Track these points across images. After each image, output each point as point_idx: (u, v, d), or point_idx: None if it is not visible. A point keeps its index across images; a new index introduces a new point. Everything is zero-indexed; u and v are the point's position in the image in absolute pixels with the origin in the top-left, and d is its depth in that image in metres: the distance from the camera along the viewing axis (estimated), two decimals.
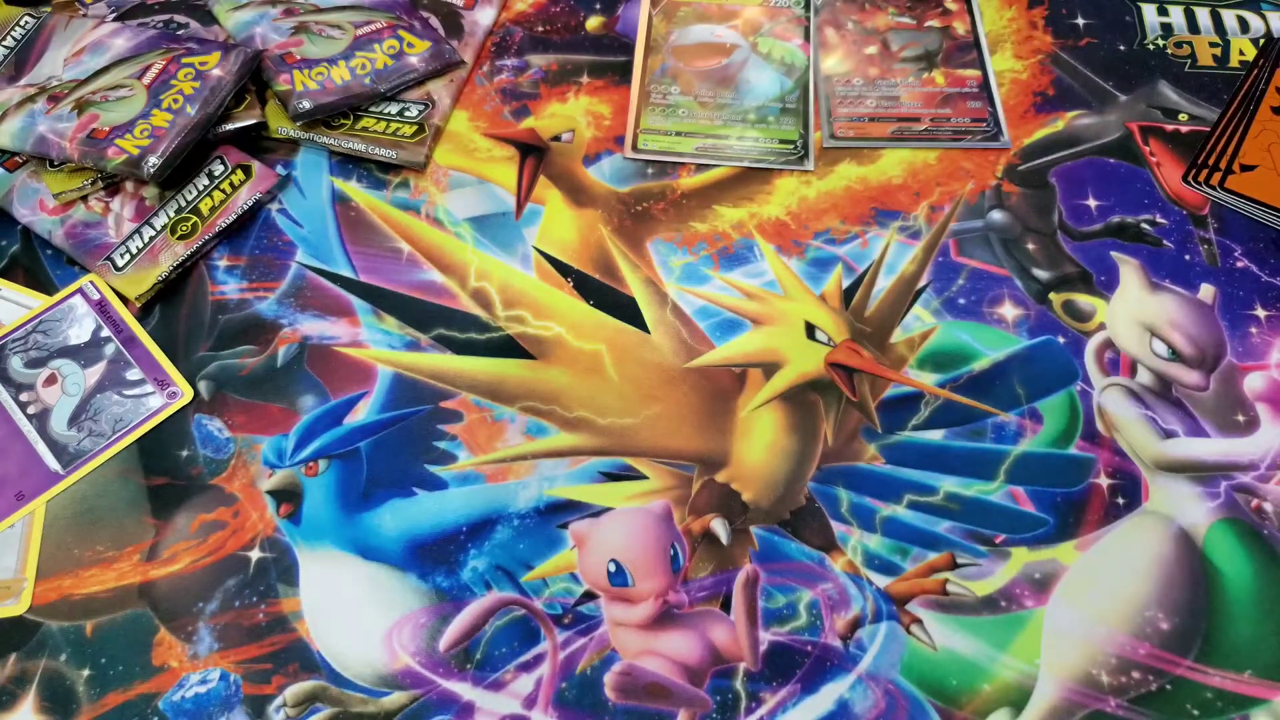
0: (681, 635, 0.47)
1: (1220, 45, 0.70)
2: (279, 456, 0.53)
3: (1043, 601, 0.48)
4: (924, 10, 0.72)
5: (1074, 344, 0.56)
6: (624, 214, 0.62)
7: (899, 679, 0.46)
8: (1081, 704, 0.45)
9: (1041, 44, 0.70)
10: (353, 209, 0.62)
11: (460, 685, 0.46)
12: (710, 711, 0.46)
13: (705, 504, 0.51)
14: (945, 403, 0.54)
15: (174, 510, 0.51)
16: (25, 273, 0.59)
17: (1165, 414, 0.53)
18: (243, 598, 0.48)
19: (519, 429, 0.53)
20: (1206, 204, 0.62)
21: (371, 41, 0.65)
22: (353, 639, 0.47)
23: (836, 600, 0.48)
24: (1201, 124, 0.65)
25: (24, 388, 0.54)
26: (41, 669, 0.47)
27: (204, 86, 0.60)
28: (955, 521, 0.50)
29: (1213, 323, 0.57)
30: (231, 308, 0.58)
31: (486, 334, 0.57)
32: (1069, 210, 0.61)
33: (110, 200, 0.60)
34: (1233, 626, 0.47)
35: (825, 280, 0.59)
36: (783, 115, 0.66)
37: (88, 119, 0.59)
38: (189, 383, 0.55)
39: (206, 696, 0.46)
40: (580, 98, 0.67)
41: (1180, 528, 0.50)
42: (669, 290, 0.58)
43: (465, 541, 0.50)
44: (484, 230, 0.61)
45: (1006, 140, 0.65)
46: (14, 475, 0.52)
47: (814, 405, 0.54)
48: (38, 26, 0.66)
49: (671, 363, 0.56)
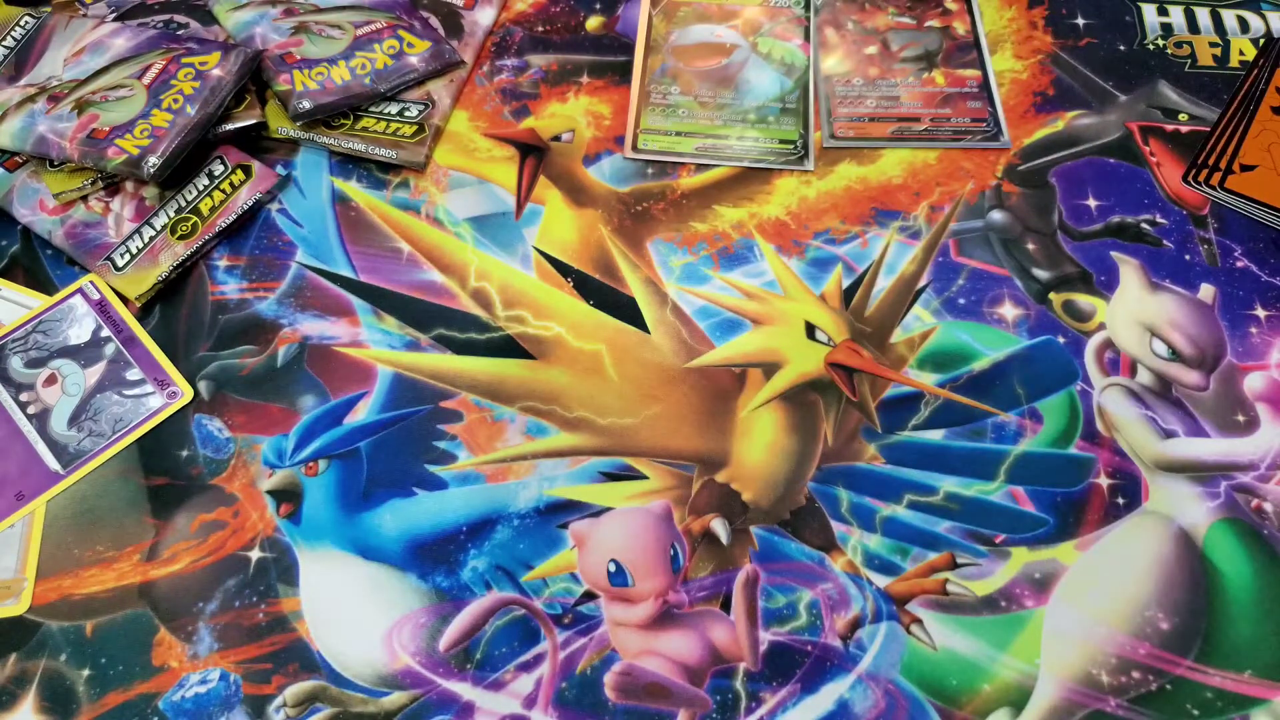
0: (681, 635, 0.47)
1: (1220, 45, 0.70)
2: (279, 456, 0.53)
3: (1043, 601, 0.48)
4: (924, 10, 0.72)
5: (1074, 344, 0.56)
6: (624, 214, 0.62)
7: (899, 679, 0.46)
8: (1081, 704, 0.45)
9: (1041, 44, 0.70)
10: (353, 209, 0.62)
11: (460, 685, 0.46)
12: (710, 711, 0.46)
13: (705, 504, 0.51)
14: (945, 403, 0.54)
15: (174, 510, 0.51)
16: (25, 273, 0.59)
17: (1165, 414, 0.53)
18: (243, 598, 0.48)
19: (519, 429, 0.53)
20: (1206, 204, 0.62)
21: (371, 41, 0.65)
22: (353, 639, 0.47)
23: (836, 600, 0.48)
24: (1201, 124, 0.65)
25: (24, 388, 0.54)
26: (41, 669, 0.47)
27: (204, 86, 0.60)
28: (955, 521, 0.50)
29: (1213, 323, 0.57)
30: (231, 308, 0.58)
31: (486, 334, 0.57)
32: (1069, 210, 0.61)
33: (110, 200, 0.60)
34: (1233, 626, 0.47)
35: (825, 280, 0.59)
36: (783, 115, 0.66)
37: (88, 119, 0.59)
38: (189, 383, 0.55)
39: (206, 696, 0.46)
40: (580, 98, 0.67)
41: (1180, 528, 0.50)
42: (669, 290, 0.58)
43: (465, 541, 0.50)
44: (484, 230, 0.61)
45: (1006, 140, 0.65)
46: (14, 475, 0.52)
47: (814, 405, 0.54)
48: (38, 26, 0.66)
49: (671, 363, 0.56)
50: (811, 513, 0.51)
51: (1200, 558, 0.49)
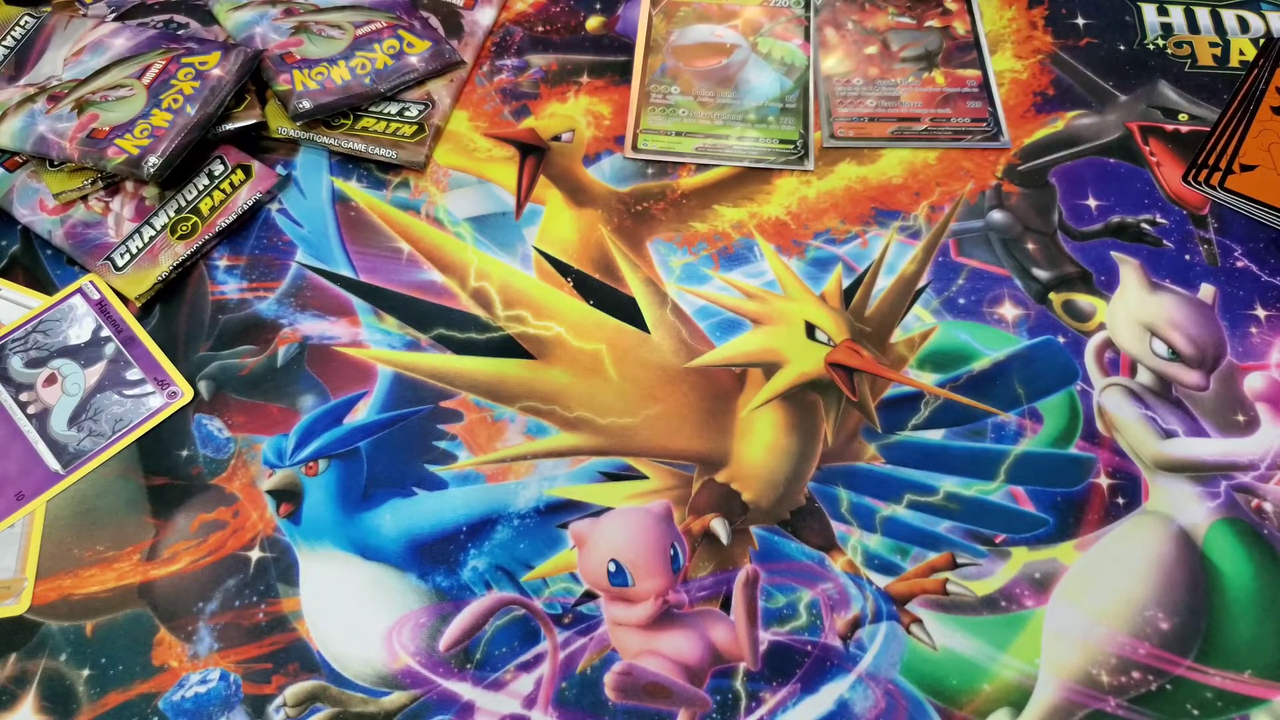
0: (681, 635, 0.47)
1: (1220, 45, 0.70)
2: (279, 456, 0.53)
3: (1043, 601, 0.48)
4: (924, 10, 0.72)
5: (1074, 344, 0.56)
6: (624, 214, 0.62)
7: (899, 679, 0.46)
8: (1081, 704, 0.45)
9: (1041, 44, 0.70)
10: (353, 209, 0.62)
11: (460, 685, 0.46)
12: (710, 711, 0.46)
13: (705, 504, 0.51)
14: (945, 403, 0.54)
15: (174, 510, 0.51)
16: (25, 273, 0.59)
17: (1165, 414, 0.53)
18: (243, 597, 0.48)
19: (519, 429, 0.53)
20: (1206, 204, 0.62)
21: (371, 41, 0.65)
22: (353, 639, 0.47)
23: (836, 600, 0.48)
24: (1201, 124, 0.65)
25: (24, 388, 0.54)
26: (41, 669, 0.47)
27: (204, 86, 0.60)
28: (955, 521, 0.50)
29: (1213, 323, 0.57)
30: (231, 308, 0.58)
31: (486, 334, 0.57)
32: (1069, 210, 0.61)
33: (110, 200, 0.60)
34: (1233, 626, 0.47)
35: (825, 280, 0.59)
36: (783, 115, 0.66)
37: (88, 119, 0.59)
38: (189, 383, 0.55)
39: (206, 696, 0.46)
40: (580, 98, 0.67)
41: (1180, 527, 0.50)
42: (669, 290, 0.58)
43: (465, 541, 0.50)
44: (484, 230, 0.61)
45: (1006, 140, 0.65)
46: (14, 475, 0.52)
47: (814, 405, 0.54)
48: (38, 26, 0.66)
49: (671, 363, 0.56)
50: (811, 513, 0.51)
51: (1200, 557, 0.49)
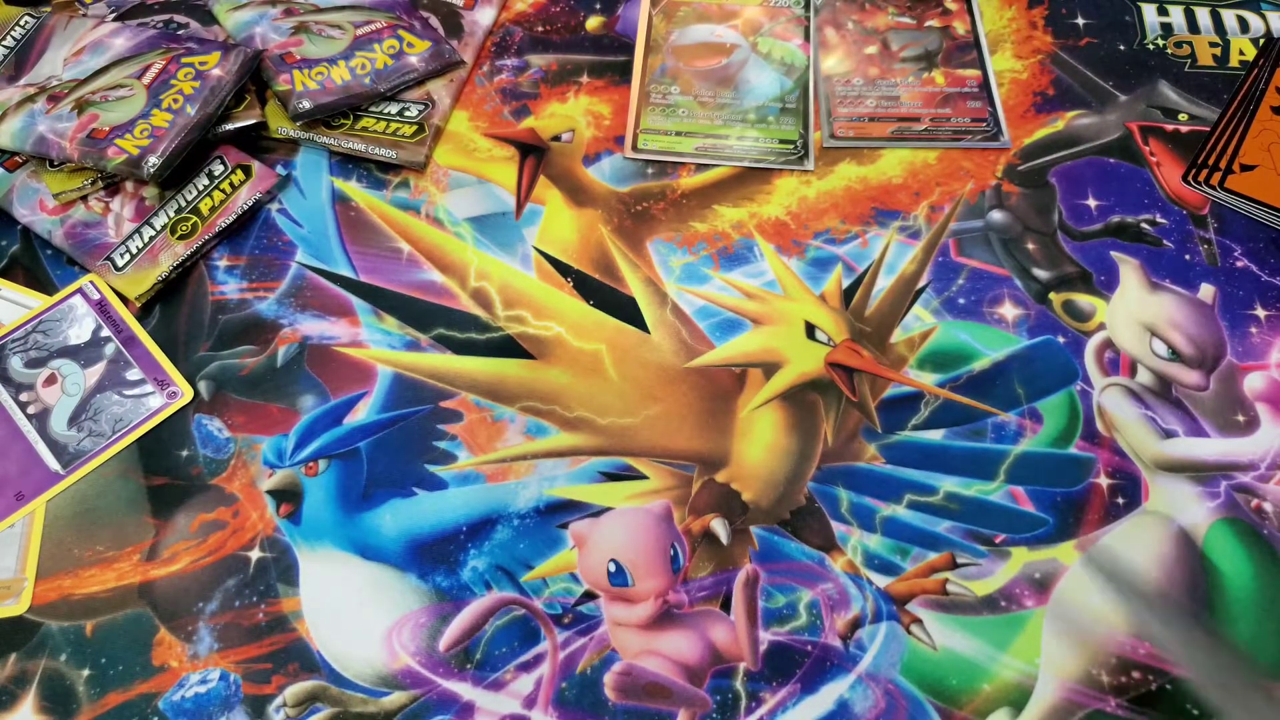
0: (681, 635, 0.47)
1: (1220, 45, 0.70)
2: (279, 456, 0.53)
3: (1043, 601, 0.48)
4: (924, 10, 0.72)
5: (1074, 344, 0.56)
6: (624, 214, 0.62)
7: (899, 679, 0.46)
8: (1081, 704, 0.45)
9: (1041, 44, 0.70)
10: (353, 209, 0.62)
11: (460, 685, 0.46)
12: (710, 711, 0.46)
13: (705, 504, 0.51)
14: (945, 403, 0.54)
15: (174, 510, 0.51)
16: (25, 273, 0.59)
17: (1165, 414, 0.53)
18: (243, 598, 0.48)
19: (519, 429, 0.53)
20: (1206, 204, 0.62)
21: (371, 41, 0.65)
22: (353, 639, 0.47)
23: (836, 600, 0.48)
24: (1201, 124, 0.65)
25: (24, 388, 0.54)
26: (41, 669, 0.47)
27: (204, 86, 0.60)
28: (955, 521, 0.50)
29: (1213, 323, 0.57)
30: (231, 308, 0.58)
31: (486, 334, 0.57)
32: (1069, 210, 0.61)
33: (110, 200, 0.60)
34: (1233, 626, 0.47)
35: (825, 280, 0.59)
36: (783, 115, 0.66)
37: (88, 119, 0.59)
38: (189, 383, 0.55)
39: (206, 696, 0.46)
40: (580, 98, 0.67)
41: (1180, 527, 0.50)
42: (669, 290, 0.58)
43: (465, 541, 0.50)
44: (484, 230, 0.61)
45: (1006, 140, 0.65)
46: (14, 475, 0.52)
47: (814, 405, 0.54)
48: (38, 26, 0.66)
49: (671, 363, 0.56)
50: (811, 513, 0.51)
51: (1200, 557, 0.49)
